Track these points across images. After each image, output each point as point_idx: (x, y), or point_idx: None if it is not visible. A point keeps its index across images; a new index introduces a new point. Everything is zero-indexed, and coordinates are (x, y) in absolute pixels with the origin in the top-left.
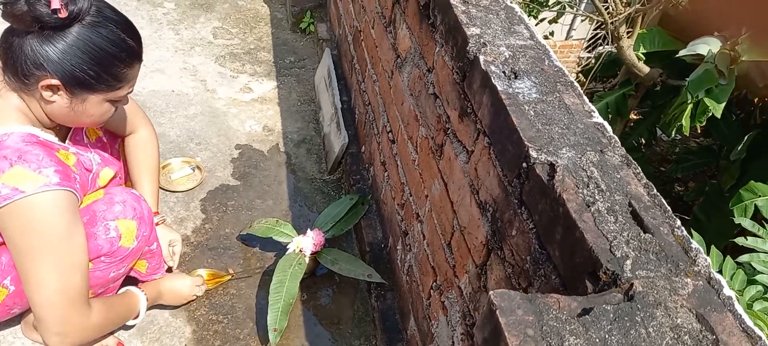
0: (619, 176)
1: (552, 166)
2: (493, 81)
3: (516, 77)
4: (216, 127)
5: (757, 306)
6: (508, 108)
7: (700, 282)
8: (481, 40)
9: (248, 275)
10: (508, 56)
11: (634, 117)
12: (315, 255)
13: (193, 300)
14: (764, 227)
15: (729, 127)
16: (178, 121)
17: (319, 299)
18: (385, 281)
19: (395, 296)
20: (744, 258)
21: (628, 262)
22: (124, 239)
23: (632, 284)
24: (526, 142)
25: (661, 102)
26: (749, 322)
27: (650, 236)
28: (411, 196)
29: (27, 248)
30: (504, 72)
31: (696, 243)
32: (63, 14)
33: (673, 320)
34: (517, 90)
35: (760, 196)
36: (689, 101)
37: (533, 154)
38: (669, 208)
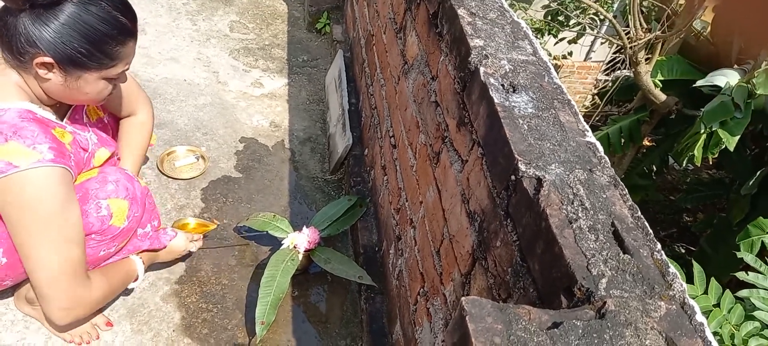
0: (605, 196)
1: (539, 181)
2: (491, 93)
3: (514, 91)
4: (224, 119)
5: (753, 343)
6: (502, 120)
7: (674, 306)
8: (484, 52)
9: (234, 245)
10: (508, 70)
11: (647, 143)
12: (309, 253)
13: (186, 255)
14: (767, 263)
15: (742, 162)
16: (187, 110)
17: (310, 296)
18: (375, 284)
19: (384, 300)
20: (743, 293)
21: (604, 280)
22: (115, 218)
23: (605, 303)
24: (516, 156)
25: (674, 130)
26: None
27: (629, 257)
28: (407, 201)
29: (23, 224)
30: (502, 85)
31: (674, 268)
32: None
33: (641, 341)
34: (513, 104)
35: (767, 232)
36: (703, 132)
37: (522, 167)
38: (651, 231)
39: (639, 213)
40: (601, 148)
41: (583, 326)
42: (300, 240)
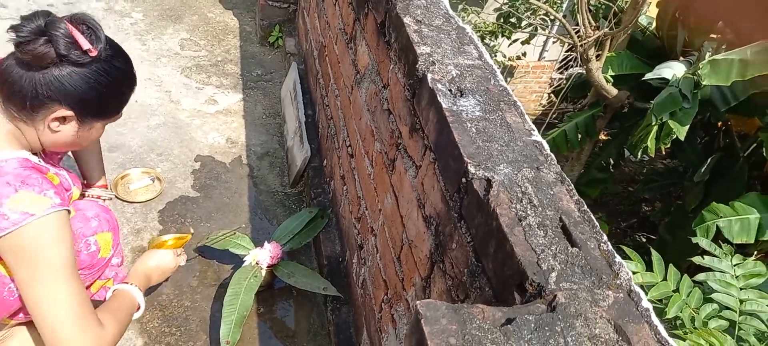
0: (552, 193)
1: (489, 182)
2: (439, 99)
3: (461, 95)
4: (178, 139)
5: (713, 324)
6: (451, 125)
7: (621, 295)
8: (431, 58)
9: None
10: (455, 75)
11: (604, 138)
12: (272, 268)
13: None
14: (721, 247)
15: (693, 150)
16: (140, 132)
17: (276, 312)
18: (340, 294)
19: (350, 310)
20: (700, 277)
21: (554, 274)
22: (102, 250)
23: (555, 296)
24: (465, 158)
25: (628, 123)
26: (664, 332)
27: (577, 250)
28: (367, 209)
29: (39, 271)
30: (450, 90)
31: (619, 258)
32: (94, 53)
33: (591, 331)
34: (461, 108)
35: (721, 217)
36: (654, 123)
37: (472, 169)
38: (597, 223)
39: (585, 207)
40: (547, 147)
41: (536, 320)
42: (262, 256)
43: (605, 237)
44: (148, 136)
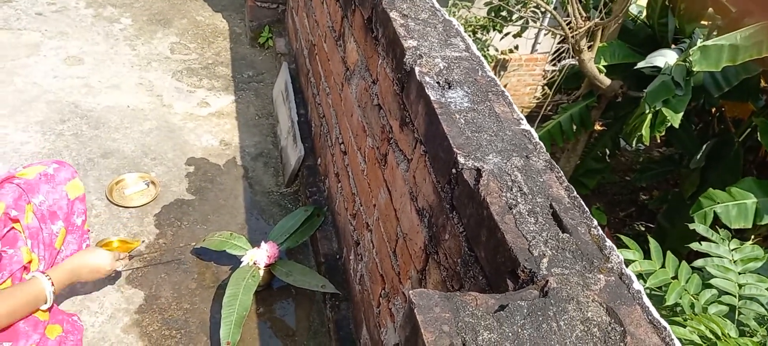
0: (542, 180)
1: (478, 172)
2: (427, 91)
3: (449, 87)
4: (172, 142)
5: (712, 309)
6: (439, 116)
7: (612, 278)
8: (418, 52)
9: (178, 258)
10: (442, 67)
11: (599, 128)
12: (269, 267)
13: (113, 276)
14: (719, 232)
15: (688, 137)
16: (133, 137)
17: (275, 311)
18: (339, 291)
19: (349, 306)
20: (699, 263)
21: (545, 260)
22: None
23: (547, 281)
24: (455, 149)
25: (623, 113)
26: (656, 314)
27: (568, 235)
28: (361, 206)
29: None
30: (438, 82)
31: (610, 242)
32: None
33: (583, 314)
34: (449, 99)
35: (718, 203)
36: (648, 112)
37: (461, 160)
38: (587, 209)
39: (575, 193)
40: (535, 135)
41: (528, 305)
42: (259, 256)
43: (596, 222)
44: (141, 141)
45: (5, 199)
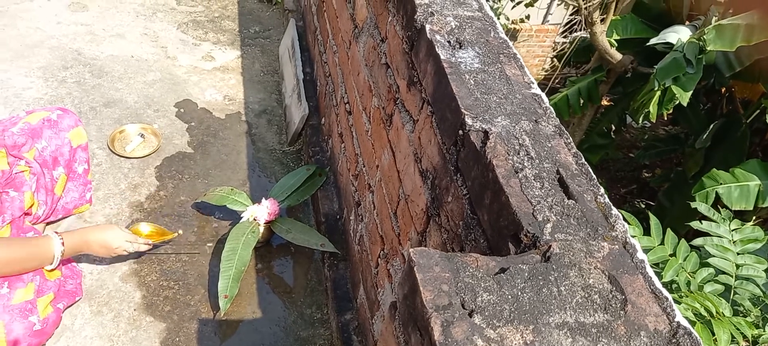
0: (550, 145)
1: (486, 134)
2: (437, 50)
3: (460, 47)
4: (175, 95)
5: (708, 288)
6: (449, 76)
7: (616, 246)
8: (429, 9)
9: (197, 252)
10: (454, 26)
11: (606, 103)
12: (269, 224)
13: (124, 255)
14: (719, 212)
15: (696, 116)
16: (137, 87)
17: (273, 267)
18: (338, 250)
19: (347, 266)
20: (698, 241)
21: (549, 225)
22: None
23: (550, 246)
24: (463, 110)
25: (631, 89)
26: (658, 284)
27: (573, 202)
28: (364, 166)
29: None
30: (449, 41)
31: (616, 210)
32: None
33: (585, 280)
34: (459, 59)
35: (721, 183)
36: (657, 89)
37: (469, 121)
38: (594, 176)
39: (583, 160)
40: (546, 100)
41: (529, 269)
42: (260, 212)
43: (602, 190)
44: (144, 92)
45: (9, 143)
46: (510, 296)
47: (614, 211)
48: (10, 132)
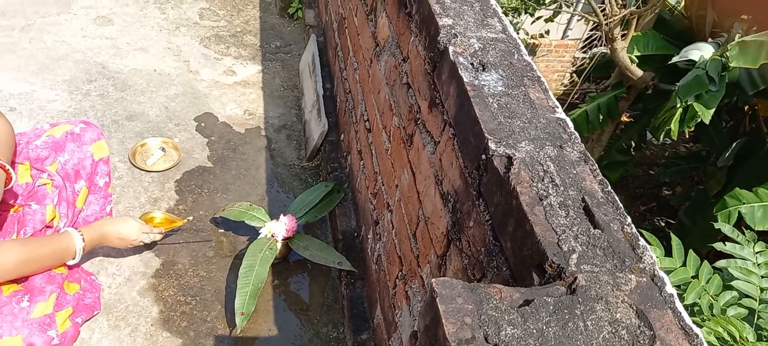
0: (575, 172)
1: (509, 159)
2: (461, 72)
3: (483, 69)
4: (196, 109)
5: (731, 312)
6: (472, 99)
7: (644, 279)
8: (453, 31)
9: (207, 240)
10: (477, 48)
11: (626, 119)
12: (287, 241)
13: (141, 246)
14: (743, 233)
15: (718, 134)
16: (158, 101)
17: (290, 284)
18: (355, 269)
19: (365, 285)
20: (721, 263)
21: (575, 256)
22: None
23: (576, 278)
24: (486, 134)
25: (651, 106)
26: (688, 320)
27: (600, 231)
28: (383, 185)
29: None
30: (472, 64)
31: (643, 241)
32: None
33: (612, 315)
34: (483, 82)
35: (744, 203)
36: (678, 106)
37: (492, 146)
38: (621, 205)
39: (609, 188)
40: (571, 125)
41: (554, 302)
42: (278, 228)
43: (629, 219)
44: (166, 105)
45: (33, 155)
46: (535, 331)
47: (641, 241)
48: (34, 145)
